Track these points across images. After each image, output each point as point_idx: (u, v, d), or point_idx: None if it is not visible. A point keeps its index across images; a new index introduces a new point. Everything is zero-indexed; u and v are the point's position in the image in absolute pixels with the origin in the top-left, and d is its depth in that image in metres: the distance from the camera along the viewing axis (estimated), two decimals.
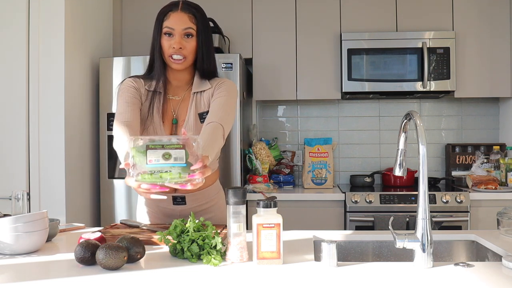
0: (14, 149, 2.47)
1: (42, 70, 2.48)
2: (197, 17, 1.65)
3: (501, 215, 1.54)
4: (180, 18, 1.62)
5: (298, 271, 1.15)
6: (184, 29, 1.61)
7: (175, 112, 1.69)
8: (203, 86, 1.69)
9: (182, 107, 1.70)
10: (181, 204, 1.72)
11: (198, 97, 1.69)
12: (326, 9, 3.15)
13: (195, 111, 1.67)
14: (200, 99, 1.69)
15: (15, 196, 1.62)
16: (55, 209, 2.45)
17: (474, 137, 3.41)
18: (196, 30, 1.64)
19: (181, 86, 1.73)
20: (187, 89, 1.72)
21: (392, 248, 1.54)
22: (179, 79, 1.72)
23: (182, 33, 1.61)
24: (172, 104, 1.70)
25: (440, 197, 2.76)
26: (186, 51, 1.62)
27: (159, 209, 1.75)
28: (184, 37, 1.62)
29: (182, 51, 1.61)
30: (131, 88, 1.67)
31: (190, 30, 1.62)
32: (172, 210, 1.73)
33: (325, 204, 2.85)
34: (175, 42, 1.60)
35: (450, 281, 1.08)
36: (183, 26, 1.61)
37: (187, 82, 1.73)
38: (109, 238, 1.41)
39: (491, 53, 3.08)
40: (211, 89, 1.68)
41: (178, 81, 1.72)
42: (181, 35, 1.61)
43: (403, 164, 1.32)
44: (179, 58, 1.62)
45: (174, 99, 1.71)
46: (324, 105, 3.48)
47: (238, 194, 1.23)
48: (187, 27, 1.62)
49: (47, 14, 2.48)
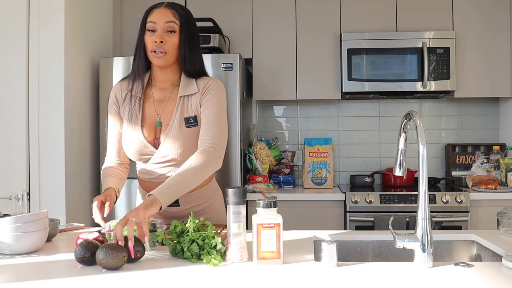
0: (14, 149, 2.47)
1: (42, 70, 2.48)
2: (181, 14, 1.63)
3: (501, 215, 1.54)
4: (163, 13, 1.61)
5: (298, 271, 1.15)
6: (166, 22, 1.60)
7: (159, 115, 1.66)
8: (190, 88, 1.64)
9: (166, 110, 1.66)
10: (174, 206, 1.69)
11: (185, 101, 1.65)
12: (326, 9, 3.15)
13: (181, 115, 1.63)
14: (187, 103, 1.64)
15: (15, 196, 1.62)
16: (55, 209, 2.45)
17: (474, 137, 3.41)
18: (179, 26, 1.62)
19: (166, 88, 1.69)
20: (172, 91, 1.68)
21: (392, 248, 1.54)
22: (164, 80, 1.68)
23: (164, 27, 1.60)
24: (155, 107, 1.67)
25: (440, 197, 2.76)
26: (167, 46, 1.60)
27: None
28: (167, 32, 1.61)
29: (163, 46, 1.59)
30: (113, 106, 1.72)
31: (172, 24, 1.60)
32: (167, 212, 1.69)
33: (325, 204, 2.85)
34: (157, 36, 1.59)
35: (450, 281, 1.08)
36: (165, 20, 1.60)
37: (172, 83, 1.69)
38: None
39: (491, 53, 3.08)
40: (198, 93, 1.64)
41: (163, 83, 1.69)
42: (163, 29, 1.60)
43: (403, 164, 1.32)
44: (159, 52, 1.60)
45: (158, 101, 1.67)
46: (324, 105, 3.48)
47: (238, 194, 1.23)
48: (169, 21, 1.60)
49: (47, 14, 2.48)
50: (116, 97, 1.72)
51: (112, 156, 1.74)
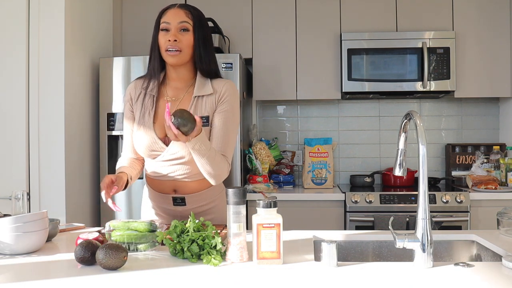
0: (14, 149, 2.47)
1: (42, 70, 2.48)
2: (193, 14, 1.67)
3: (501, 215, 1.54)
4: (176, 13, 1.65)
5: (298, 271, 1.15)
6: (180, 22, 1.63)
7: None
8: (205, 89, 1.67)
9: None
10: (181, 205, 1.72)
11: (199, 101, 1.67)
12: (326, 9, 3.15)
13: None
14: (201, 103, 1.67)
15: (15, 196, 1.62)
16: (55, 209, 2.45)
17: (474, 137, 3.41)
18: (193, 25, 1.65)
19: (180, 87, 1.71)
20: (187, 90, 1.70)
21: (392, 248, 1.54)
22: (178, 79, 1.71)
23: (178, 27, 1.63)
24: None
25: (440, 197, 2.76)
26: (181, 44, 1.63)
27: (162, 210, 1.77)
28: (180, 31, 1.64)
29: (177, 44, 1.62)
30: (127, 104, 1.75)
31: (186, 24, 1.64)
32: (173, 211, 1.74)
33: (325, 204, 2.85)
34: (171, 35, 1.62)
35: (450, 281, 1.08)
36: (178, 20, 1.64)
37: (187, 82, 1.71)
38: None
39: (491, 53, 3.08)
40: (213, 95, 1.67)
41: (177, 81, 1.71)
42: (177, 29, 1.63)
43: (403, 164, 1.32)
44: (174, 50, 1.62)
45: (171, 100, 1.70)
46: (324, 105, 3.48)
47: (238, 194, 1.24)
48: (182, 21, 1.64)
49: (47, 14, 2.48)
50: (130, 95, 1.75)
51: (127, 153, 1.78)
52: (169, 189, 1.72)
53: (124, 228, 1.34)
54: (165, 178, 1.70)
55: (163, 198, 1.73)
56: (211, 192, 1.75)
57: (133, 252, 1.34)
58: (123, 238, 1.32)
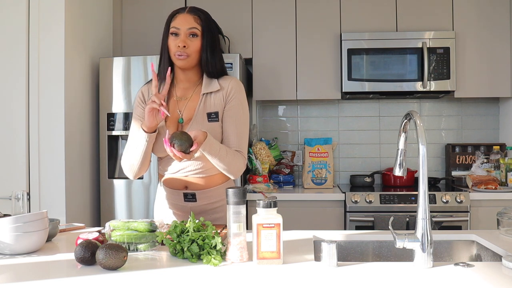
0: (14, 149, 2.47)
1: (42, 70, 2.48)
2: (202, 19, 1.73)
3: (501, 215, 1.54)
4: (185, 19, 1.71)
5: (298, 271, 1.15)
6: (189, 28, 1.70)
7: (181, 112, 1.75)
8: (212, 86, 1.74)
9: (188, 107, 1.75)
10: (192, 201, 1.76)
11: (207, 98, 1.74)
12: (326, 9, 3.15)
13: (203, 110, 1.72)
14: (209, 99, 1.73)
15: (15, 196, 1.62)
16: (55, 209, 2.45)
17: (474, 137, 3.41)
18: (201, 31, 1.72)
19: (189, 87, 1.78)
20: (194, 89, 1.77)
21: (392, 248, 1.54)
22: (186, 80, 1.78)
23: (187, 32, 1.70)
24: (178, 105, 1.76)
25: (440, 197, 2.76)
26: (190, 49, 1.70)
27: (173, 205, 1.81)
28: (189, 37, 1.71)
29: (186, 50, 1.69)
30: (139, 105, 1.80)
31: (195, 30, 1.71)
32: (184, 207, 1.79)
33: (325, 204, 2.85)
34: (180, 41, 1.69)
35: (450, 281, 1.08)
36: (188, 26, 1.70)
37: (195, 82, 1.78)
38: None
39: (491, 53, 3.07)
40: (221, 91, 1.74)
41: (185, 82, 1.78)
42: (186, 34, 1.70)
43: (403, 164, 1.32)
44: (182, 54, 1.68)
45: (180, 99, 1.76)
46: (324, 105, 3.48)
47: (238, 194, 1.24)
48: (192, 27, 1.70)
49: (47, 14, 2.48)
50: (143, 96, 1.81)
51: None
52: (180, 185, 1.77)
53: (124, 228, 1.35)
54: (177, 175, 1.76)
55: (174, 194, 1.79)
56: (221, 189, 1.79)
57: (133, 252, 1.34)
58: (123, 238, 1.32)
